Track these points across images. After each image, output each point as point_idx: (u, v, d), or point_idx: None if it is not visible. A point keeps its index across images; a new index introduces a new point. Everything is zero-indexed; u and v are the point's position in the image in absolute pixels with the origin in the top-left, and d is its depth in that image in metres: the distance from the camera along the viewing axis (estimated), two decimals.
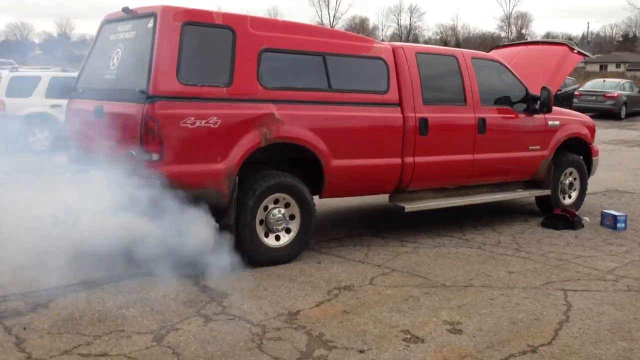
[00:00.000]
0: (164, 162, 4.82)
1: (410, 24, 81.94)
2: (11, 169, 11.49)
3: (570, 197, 7.88)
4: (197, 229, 4.98)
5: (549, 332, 4.17)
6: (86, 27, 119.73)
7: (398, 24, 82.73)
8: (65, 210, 5.54)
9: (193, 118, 4.90)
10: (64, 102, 8.04)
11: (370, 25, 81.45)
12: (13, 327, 4.03)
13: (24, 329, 4.00)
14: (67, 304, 4.44)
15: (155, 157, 4.80)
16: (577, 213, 7.42)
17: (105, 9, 6.10)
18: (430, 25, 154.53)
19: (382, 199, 6.95)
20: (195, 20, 5.04)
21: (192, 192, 4.93)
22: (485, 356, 3.78)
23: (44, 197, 8.56)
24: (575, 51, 8.12)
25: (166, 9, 4.97)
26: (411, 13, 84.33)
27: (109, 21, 5.77)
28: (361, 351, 3.80)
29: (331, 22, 75.72)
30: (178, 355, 3.67)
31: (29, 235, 6.29)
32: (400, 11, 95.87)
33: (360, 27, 75.31)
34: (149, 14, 5.07)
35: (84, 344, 3.78)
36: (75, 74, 7.25)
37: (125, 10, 5.36)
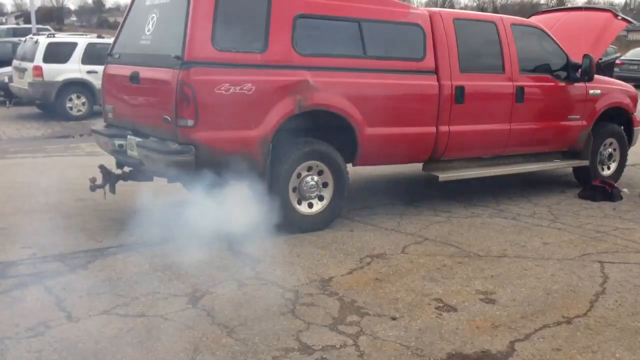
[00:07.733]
0: (198, 128, 4.84)
1: None
2: (49, 134, 11.75)
3: (609, 168, 7.70)
4: (231, 195, 5.02)
5: (584, 304, 4.11)
6: None
7: None
8: (102, 174, 5.65)
9: (227, 84, 4.89)
10: (100, 68, 8.14)
11: None
12: (53, 287, 4.14)
13: (64, 289, 4.11)
14: (105, 266, 4.55)
15: (190, 122, 4.82)
16: (616, 185, 7.25)
17: None
18: None
19: (415, 167, 6.89)
20: None
21: (226, 158, 4.96)
22: (518, 326, 3.75)
23: (81, 161, 8.76)
24: (619, 18, 7.85)
25: None
26: None
27: None
28: (393, 318, 3.81)
29: None
30: (213, 318, 3.73)
31: (67, 198, 6.46)
32: None
33: None
34: None
35: (121, 305, 3.87)
36: (111, 41, 7.31)
37: None
